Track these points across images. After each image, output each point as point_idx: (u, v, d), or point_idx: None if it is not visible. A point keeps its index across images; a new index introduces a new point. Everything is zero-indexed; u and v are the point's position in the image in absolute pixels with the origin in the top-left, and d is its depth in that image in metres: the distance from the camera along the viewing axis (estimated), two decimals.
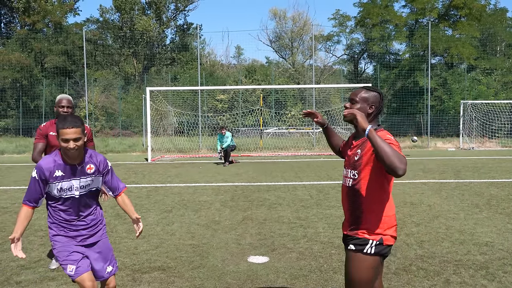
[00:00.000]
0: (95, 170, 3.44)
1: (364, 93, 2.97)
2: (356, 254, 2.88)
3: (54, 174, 3.30)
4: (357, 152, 2.90)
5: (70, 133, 3.18)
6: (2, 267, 5.22)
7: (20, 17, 38.08)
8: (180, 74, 38.09)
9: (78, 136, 3.21)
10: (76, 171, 3.35)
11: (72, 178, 3.35)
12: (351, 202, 2.95)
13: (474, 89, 31.64)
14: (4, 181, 12.71)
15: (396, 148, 2.61)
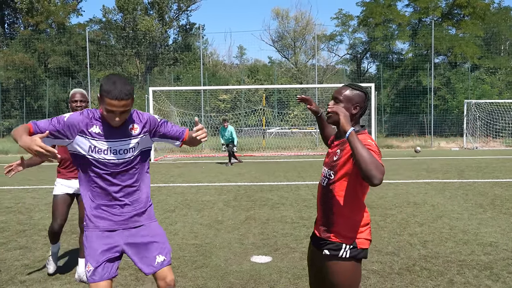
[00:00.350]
0: (141, 130, 2.86)
1: (348, 91, 2.76)
2: (330, 259, 2.77)
3: (89, 128, 2.76)
4: (336, 152, 2.76)
5: (117, 106, 2.63)
6: (6, 266, 5.23)
7: (24, 17, 38.19)
8: (182, 74, 38.12)
9: (127, 108, 2.68)
10: (117, 131, 2.79)
11: (111, 140, 2.78)
12: (323, 202, 2.82)
13: (478, 89, 31.54)
14: (8, 181, 12.74)
15: (376, 155, 2.49)
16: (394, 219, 7.44)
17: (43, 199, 9.67)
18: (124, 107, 2.64)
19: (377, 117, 26.89)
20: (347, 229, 2.75)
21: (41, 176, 13.69)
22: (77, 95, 4.77)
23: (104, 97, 2.62)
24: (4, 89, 33.45)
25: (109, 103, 2.61)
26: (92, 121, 2.77)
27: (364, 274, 4.88)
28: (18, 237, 6.55)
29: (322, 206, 2.83)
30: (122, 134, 2.80)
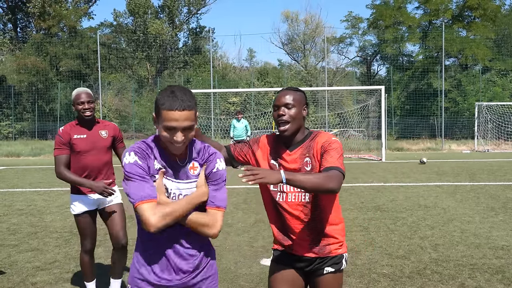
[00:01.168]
0: (199, 171, 2.25)
1: (296, 95, 2.60)
2: (334, 275, 2.64)
3: (152, 163, 2.17)
4: (306, 162, 2.57)
5: (179, 119, 2.03)
6: (17, 268, 5.28)
7: (36, 21, 38.57)
8: (192, 77, 38.24)
9: (191, 123, 2.07)
10: (177, 170, 2.20)
11: (170, 179, 2.19)
12: (308, 219, 2.60)
13: (489, 91, 31.27)
14: (20, 183, 12.86)
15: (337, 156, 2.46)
16: (404, 222, 7.40)
17: (55, 202, 9.74)
18: (188, 121, 2.05)
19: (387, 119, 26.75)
20: (341, 235, 2.69)
21: (52, 178, 13.79)
22: (82, 96, 4.11)
23: (161, 110, 2.04)
24: (16, 92, 33.79)
25: (166, 116, 2.03)
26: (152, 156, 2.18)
27: (375, 278, 4.86)
28: (30, 239, 6.61)
29: (306, 223, 2.61)
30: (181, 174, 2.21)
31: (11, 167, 17.93)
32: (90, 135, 4.20)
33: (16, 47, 38.84)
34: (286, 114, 2.56)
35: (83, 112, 4.13)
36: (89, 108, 4.16)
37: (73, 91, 4.24)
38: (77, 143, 4.14)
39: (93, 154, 4.16)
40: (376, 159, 19.63)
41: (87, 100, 4.15)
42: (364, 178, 12.97)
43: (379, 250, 5.86)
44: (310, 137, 2.64)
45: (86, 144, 4.16)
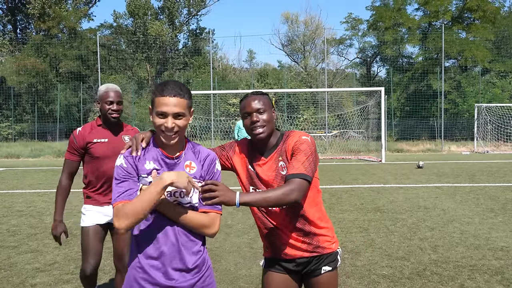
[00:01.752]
0: (197, 171, 2.29)
1: (265, 98, 2.59)
2: (331, 273, 2.67)
3: (143, 165, 2.21)
4: (281, 166, 2.56)
5: (170, 104, 2.13)
6: (17, 269, 5.28)
7: (36, 23, 38.58)
8: (192, 78, 38.27)
9: (182, 111, 2.16)
10: (172, 168, 2.24)
11: None
12: (292, 221, 2.59)
13: (489, 92, 31.29)
14: (19, 184, 12.86)
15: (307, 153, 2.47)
16: (404, 223, 7.41)
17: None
18: (179, 107, 2.14)
19: (387, 121, 26.75)
20: (331, 234, 2.70)
21: (52, 180, 13.78)
22: (111, 94, 3.63)
23: (155, 96, 2.17)
24: (16, 93, 33.79)
25: (159, 102, 2.14)
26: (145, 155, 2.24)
27: (374, 279, 4.86)
28: (29, 241, 6.61)
29: (294, 225, 2.60)
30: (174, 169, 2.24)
31: (11, 169, 17.92)
32: (113, 140, 3.69)
33: (16, 49, 38.86)
34: (260, 119, 2.53)
35: (110, 113, 3.63)
36: (118, 109, 3.67)
37: (101, 86, 3.71)
38: (97, 147, 3.64)
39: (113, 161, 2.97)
40: (375, 160, 19.63)
41: (117, 101, 3.66)
42: (364, 180, 12.98)
43: (379, 251, 5.86)
44: (282, 139, 2.62)
45: (107, 149, 3.63)
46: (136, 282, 2.19)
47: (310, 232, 2.61)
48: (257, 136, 2.55)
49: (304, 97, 32.59)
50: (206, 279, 2.31)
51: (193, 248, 2.25)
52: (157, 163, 2.22)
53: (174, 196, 2.20)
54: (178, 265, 2.20)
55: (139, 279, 2.19)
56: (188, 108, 2.20)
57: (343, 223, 7.50)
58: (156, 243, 2.19)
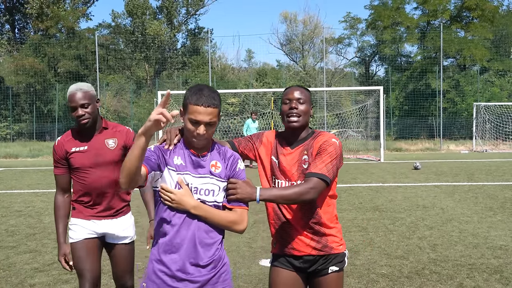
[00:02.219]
0: (222, 171, 2.40)
1: (307, 92, 2.71)
2: (338, 274, 2.69)
3: (173, 159, 2.34)
4: (304, 160, 2.62)
5: (204, 113, 2.23)
6: (16, 269, 5.28)
7: (34, 22, 38.53)
8: (191, 78, 38.23)
9: (214, 120, 2.27)
10: (197, 164, 2.36)
11: (192, 173, 2.33)
12: (306, 216, 2.62)
13: (487, 91, 31.32)
14: (18, 184, 12.85)
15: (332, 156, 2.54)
16: (403, 222, 7.41)
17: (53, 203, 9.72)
18: (211, 116, 2.24)
19: (386, 120, 26.75)
20: (340, 235, 2.73)
21: (50, 180, 13.77)
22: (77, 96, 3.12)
23: (189, 103, 2.25)
24: (14, 93, 33.76)
25: (192, 110, 2.24)
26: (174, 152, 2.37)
27: (373, 278, 4.86)
28: (28, 241, 6.60)
29: (306, 221, 2.63)
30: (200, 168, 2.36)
31: (9, 169, 17.90)
32: (93, 146, 3.22)
33: (14, 48, 38.82)
34: (298, 107, 2.63)
35: (78, 119, 3.13)
36: (84, 114, 3.10)
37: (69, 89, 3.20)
38: (75, 157, 3.21)
39: (96, 172, 3.19)
40: (374, 159, 19.64)
41: (81, 103, 3.09)
42: (363, 179, 12.98)
43: (377, 250, 5.87)
44: (312, 136, 2.69)
45: (87, 158, 3.19)
46: (155, 274, 2.31)
47: (320, 231, 2.64)
48: (291, 123, 2.63)
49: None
50: (221, 275, 2.38)
51: (210, 244, 2.33)
52: (184, 160, 2.35)
53: (199, 194, 2.31)
54: (194, 260, 2.29)
55: (157, 271, 2.30)
56: (218, 115, 2.32)
57: (342, 222, 7.50)
58: (174, 238, 2.29)
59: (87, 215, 3.28)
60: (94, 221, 3.28)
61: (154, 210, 2.43)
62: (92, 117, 3.16)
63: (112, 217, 3.33)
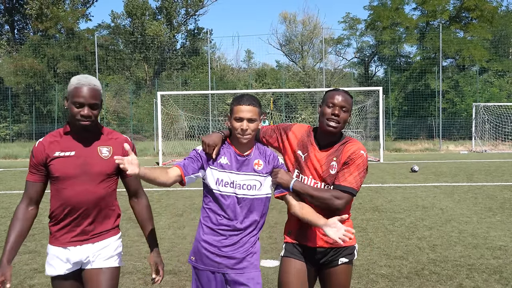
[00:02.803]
0: (264, 167, 2.78)
1: (351, 100, 2.81)
2: (348, 266, 2.85)
3: (219, 159, 2.75)
4: (332, 165, 2.76)
5: (245, 111, 2.64)
6: (15, 270, 5.27)
7: (33, 23, 38.53)
8: (190, 78, 38.25)
9: (254, 116, 2.66)
10: (242, 163, 2.75)
11: (235, 171, 2.73)
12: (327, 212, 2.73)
13: (486, 92, 31.35)
14: (17, 185, 12.83)
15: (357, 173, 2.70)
16: (402, 223, 7.41)
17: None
18: (252, 114, 2.64)
19: (385, 120, 26.78)
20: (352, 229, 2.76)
21: None
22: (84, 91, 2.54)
23: (233, 106, 2.69)
24: (13, 94, 33.76)
25: (236, 110, 2.66)
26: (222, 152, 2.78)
27: (373, 278, 4.86)
28: (27, 241, 6.59)
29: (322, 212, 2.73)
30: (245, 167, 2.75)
31: (9, 169, 17.89)
32: (82, 152, 2.63)
33: (14, 49, 38.81)
34: (340, 115, 2.74)
35: (80, 120, 2.57)
36: (91, 115, 2.58)
37: (73, 78, 2.63)
38: (57, 164, 2.62)
39: (80, 183, 2.62)
40: (374, 160, 19.65)
41: (90, 103, 2.56)
42: None
43: (377, 250, 5.87)
44: (342, 141, 2.81)
45: (73, 166, 2.61)
46: (200, 251, 2.77)
47: None
48: (329, 127, 2.74)
49: (302, 97, 32.61)
50: (253, 256, 2.77)
51: (247, 228, 2.74)
52: (230, 159, 2.75)
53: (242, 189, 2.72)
54: (232, 241, 2.72)
55: (201, 248, 2.76)
56: (259, 115, 2.71)
57: None
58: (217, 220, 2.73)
59: (64, 241, 2.70)
60: (73, 249, 2.70)
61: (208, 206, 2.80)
62: (95, 121, 2.65)
63: (95, 240, 2.72)
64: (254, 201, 2.73)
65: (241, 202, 2.71)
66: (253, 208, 2.73)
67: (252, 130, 2.68)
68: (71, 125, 2.65)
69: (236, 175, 2.72)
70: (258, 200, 2.74)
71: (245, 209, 2.71)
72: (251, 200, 2.72)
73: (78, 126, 2.60)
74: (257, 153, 2.80)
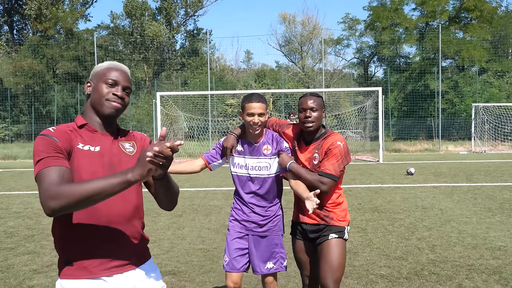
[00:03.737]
0: (272, 152, 3.43)
1: (319, 100, 3.31)
2: (338, 240, 3.28)
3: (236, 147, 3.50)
4: (314, 156, 3.31)
5: (255, 107, 3.27)
6: (14, 271, 5.26)
7: (32, 24, 38.54)
8: (190, 79, 38.25)
9: (263, 111, 3.29)
10: (253, 149, 3.44)
11: (248, 156, 3.44)
12: None
13: (486, 92, 31.37)
14: (17, 186, 12.82)
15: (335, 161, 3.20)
16: (402, 223, 7.41)
17: None
18: (261, 109, 3.28)
19: (385, 121, 26.79)
20: (341, 213, 3.34)
21: None
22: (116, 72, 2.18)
23: (245, 103, 3.32)
24: (13, 94, 33.74)
25: (248, 107, 3.28)
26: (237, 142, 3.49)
27: (372, 279, 4.86)
28: (27, 242, 6.59)
29: None
30: (255, 152, 3.44)
31: (8, 170, 17.89)
32: (106, 148, 2.08)
33: (13, 50, 38.78)
34: (312, 115, 3.26)
35: (110, 100, 2.11)
36: (124, 98, 2.15)
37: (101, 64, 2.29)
38: (82, 158, 1.99)
39: None
40: (373, 160, 19.65)
41: (123, 84, 2.17)
42: (362, 180, 12.98)
43: (376, 251, 5.86)
44: (323, 136, 3.33)
45: (101, 164, 2.02)
46: (234, 217, 3.52)
47: (324, 206, 3.32)
48: (307, 128, 3.28)
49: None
50: (276, 222, 3.54)
51: (271, 198, 3.49)
52: (243, 146, 3.46)
53: (256, 170, 3.41)
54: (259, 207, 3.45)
55: (234, 215, 3.52)
56: (266, 109, 3.33)
57: None
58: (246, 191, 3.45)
59: (94, 270, 1.98)
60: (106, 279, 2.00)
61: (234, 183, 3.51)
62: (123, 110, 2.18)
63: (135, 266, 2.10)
64: (267, 179, 3.42)
65: (254, 181, 3.42)
66: (266, 184, 3.42)
67: (261, 123, 3.31)
68: (88, 116, 2.13)
69: (249, 159, 3.42)
70: (269, 178, 3.42)
71: (258, 186, 3.42)
72: (264, 179, 3.41)
73: (104, 112, 2.09)
74: (266, 140, 3.44)
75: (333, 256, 3.20)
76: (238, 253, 3.46)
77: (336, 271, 3.18)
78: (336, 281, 3.16)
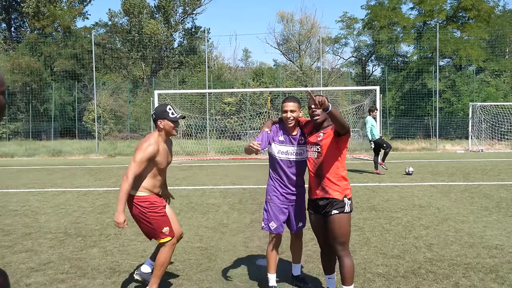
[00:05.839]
0: (304, 141, 4.37)
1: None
2: (340, 215, 3.95)
3: (278, 137, 4.39)
4: (319, 134, 4.10)
5: (289, 106, 4.28)
6: (12, 269, 5.26)
7: (30, 21, 38.44)
8: (188, 77, 38.20)
9: (295, 109, 4.29)
10: (293, 139, 4.38)
11: (289, 145, 4.37)
12: (318, 170, 4.07)
13: (483, 91, 31.40)
14: (14, 184, 12.81)
15: None
16: (399, 222, 7.43)
17: (49, 202, 9.71)
18: (293, 107, 4.29)
19: (382, 119, 26.81)
20: (343, 186, 4.03)
21: (46, 179, 13.75)
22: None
23: (282, 103, 4.35)
24: (10, 92, 33.66)
25: (284, 106, 4.31)
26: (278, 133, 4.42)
27: (370, 278, 4.88)
28: (24, 240, 6.59)
29: (316, 173, 4.09)
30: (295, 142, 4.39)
31: (5, 168, 17.85)
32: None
33: (10, 47, 38.68)
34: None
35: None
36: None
37: None
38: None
39: None
40: (370, 159, 19.65)
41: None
42: (359, 178, 13.01)
43: (374, 250, 5.88)
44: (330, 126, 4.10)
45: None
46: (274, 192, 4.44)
47: (324, 181, 4.03)
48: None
49: (299, 96, 32.59)
50: (303, 193, 4.47)
51: (302, 176, 4.42)
52: (284, 138, 4.38)
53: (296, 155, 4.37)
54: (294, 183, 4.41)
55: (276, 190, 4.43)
56: (298, 107, 4.35)
57: None
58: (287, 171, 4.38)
59: None
60: None
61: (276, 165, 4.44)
62: None
63: None
64: (303, 163, 4.37)
65: (293, 163, 4.36)
66: (301, 167, 4.39)
67: (293, 117, 4.31)
68: None
69: (290, 147, 4.37)
70: (303, 162, 4.37)
71: (294, 169, 4.37)
72: (299, 162, 4.38)
73: None
74: (300, 132, 4.41)
75: (336, 230, 3.95)
76: (283, 219, 4.42)
77: (340, 237, 3.97)
78: (342, 243, 3.99)
